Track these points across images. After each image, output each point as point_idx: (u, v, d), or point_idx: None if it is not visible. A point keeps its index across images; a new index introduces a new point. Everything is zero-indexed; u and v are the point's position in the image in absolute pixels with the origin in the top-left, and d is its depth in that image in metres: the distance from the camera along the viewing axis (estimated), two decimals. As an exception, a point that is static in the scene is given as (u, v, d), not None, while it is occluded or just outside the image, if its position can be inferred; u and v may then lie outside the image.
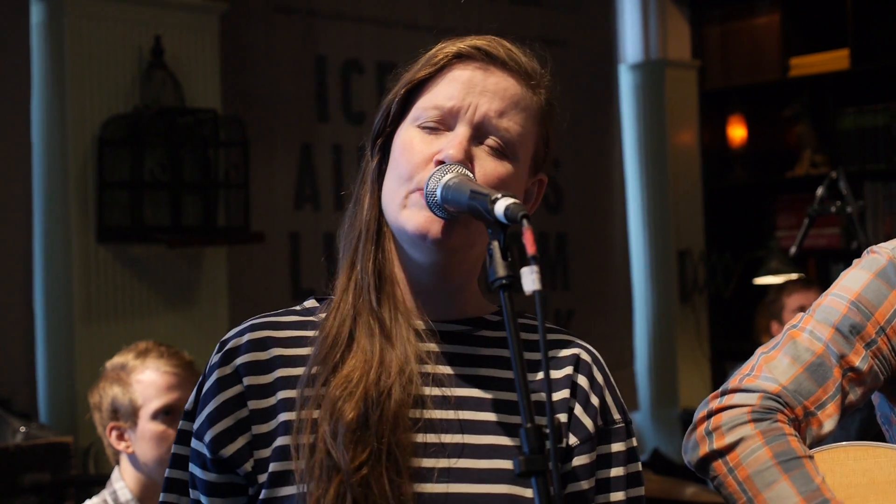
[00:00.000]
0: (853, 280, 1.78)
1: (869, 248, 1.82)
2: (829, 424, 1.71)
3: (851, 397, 1.74)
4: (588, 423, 1.55)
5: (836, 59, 5.81)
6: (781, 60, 6.02)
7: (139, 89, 4.30)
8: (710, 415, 1.71)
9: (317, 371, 1.49)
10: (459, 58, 1.55)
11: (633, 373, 6.00)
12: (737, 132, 6.28)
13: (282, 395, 1.50)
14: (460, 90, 1.52)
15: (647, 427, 6.13)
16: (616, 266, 5.95)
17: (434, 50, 1.57)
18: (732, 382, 1.73)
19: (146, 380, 2.71)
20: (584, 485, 1.52)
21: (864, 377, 1.73)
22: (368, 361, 1.48)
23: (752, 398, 1.70)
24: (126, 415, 2.70)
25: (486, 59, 1.55)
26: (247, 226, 4.41)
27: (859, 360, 1.72)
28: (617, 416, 1.58)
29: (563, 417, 1.54)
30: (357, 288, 1.53)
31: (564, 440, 1.54)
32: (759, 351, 1.77)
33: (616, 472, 1.56)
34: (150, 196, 4.28)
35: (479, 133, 1.52)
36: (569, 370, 1.56)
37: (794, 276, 5.02)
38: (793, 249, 4.31)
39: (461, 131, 1.51)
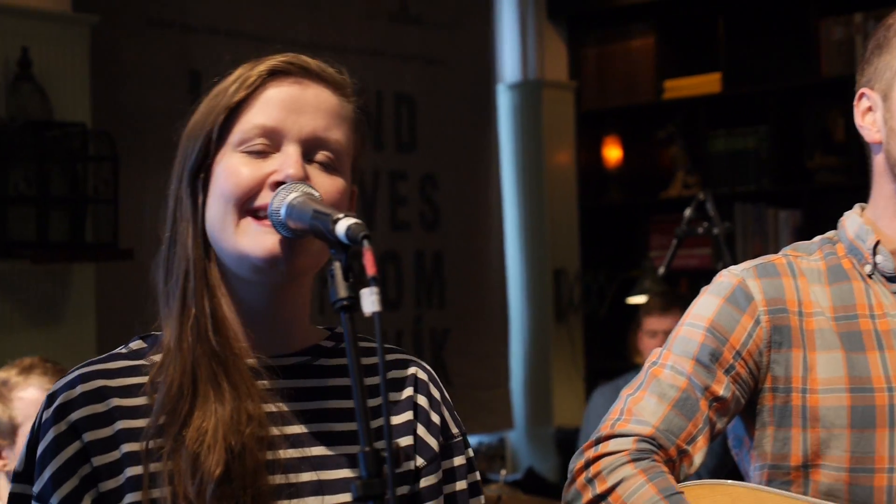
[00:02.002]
0: (705, 307, 1.79)
1: (719, 272, 1.84)
2: (699, 458, 1.73)
3: (719, 426, 1.75)
4: (432, 442, 1.55)
5: (708, 83, 5.92)
6: (656, 83, 6.11)
7: (5, 101, 4.20)
8: (587, 463, 1.71)
9: (164, 422, 1.44)
10: (273, 75, 1.51)
11: (509, 391, 6.02)
12: (612, 153, 6.35)
13: (126, 448, 1.44)
14: (281, 109, 1.49)
15: (521, 446, 6.15)
16: (492, 285, 5.97)
17: (242, 71, 1.52)
18: (604, 429, 1.73)
19: (28, 397, 2.64)
20: None
21: (729, 404, 1.75)
22: (220, 411, 1.43)
23: (627, 443, 1.70)
24: (4, 432, 2.62)
25: (301, 72, 1.51)
26: (115, 242, 4.33)
27: (722, 388, 1.73)
28: (455, 431, 1.59)
29: (409, 440, 1.54)
30: (194, 332, 1.47)
31: (412, 462, 1.54)
32: (624, 393, 1.77)
33: (461, 485, 1.58)
34: (15, 211, 4.17)
35: (308, 150, 1.49)
36: (409, 391, 1.57)
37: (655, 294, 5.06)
38: (661, 270, 4.37)
39: (292, 150, 1.48)
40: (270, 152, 1.49)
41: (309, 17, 5.30)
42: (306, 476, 1.47)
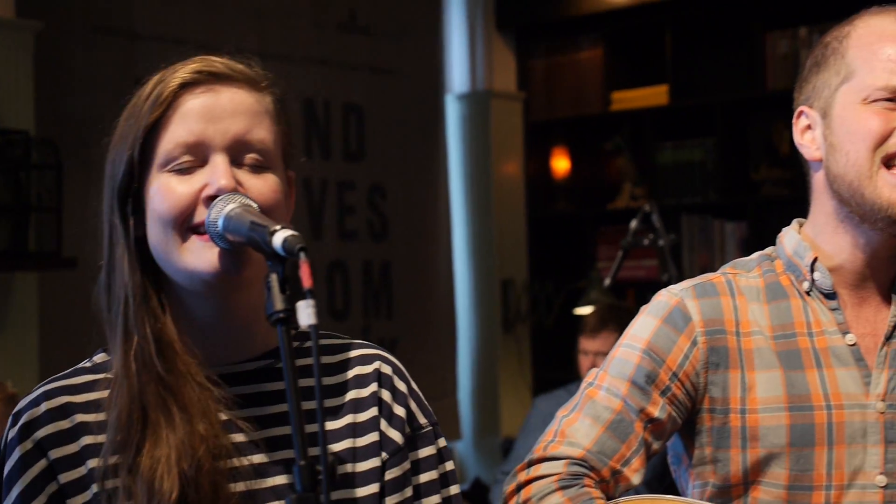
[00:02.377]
0: (642, 327, 1.79)
1: (658, 292, 1.84)
2: (635, 479, 1.74)
3: (655, 447, 1.76)
4: (395, 435, 1.55)
5: (655, 95, 5.95)
6: (604, 94, 6.14)
7: (-54, 108, 4.16)
8: (518, 488, 1.71)
9: (118, 447, 1.44)
10: (184, 87, 1.50)
11: (457, 402, 6.02)
12: (560, 164, 6.37)
13: (92, 463, 1.44)
14: (199, 121, 1.48)
15: (469, 456, 6.15)
16: (440, 295, 5.97)
17: (153, 87, 1.51)
18: (537, 451, 1.74)
19: None
20: (398, 497, 1.54)
21: (664, 426, 1.75)
22: (171, 437, 1.43)
23: (558, 466, 1.71)
24: None
25: (210, 78, 1.51)
26: (59, 251, 4.28)
27: (658, 410, 1.74)
28: (423, 421, 1.59)
29: (374, 437, 1.54)
30: (139, 359, 1.47)
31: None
32: (559, 414, 1.78)
33: (428, 476, 1.58)
34: (-44, 219, 4.13)
35: (235, 154, 1.49)
36: (374, 387, 1.57)
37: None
38: (607, 281, 4.39)
39: (220, 160, 1.47)
40: (198, 166, 1.48)
41: (257, 26, 5.27)
42: (270, 481, 1.48)
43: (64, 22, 4.64)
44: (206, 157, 1.48)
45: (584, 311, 5.34)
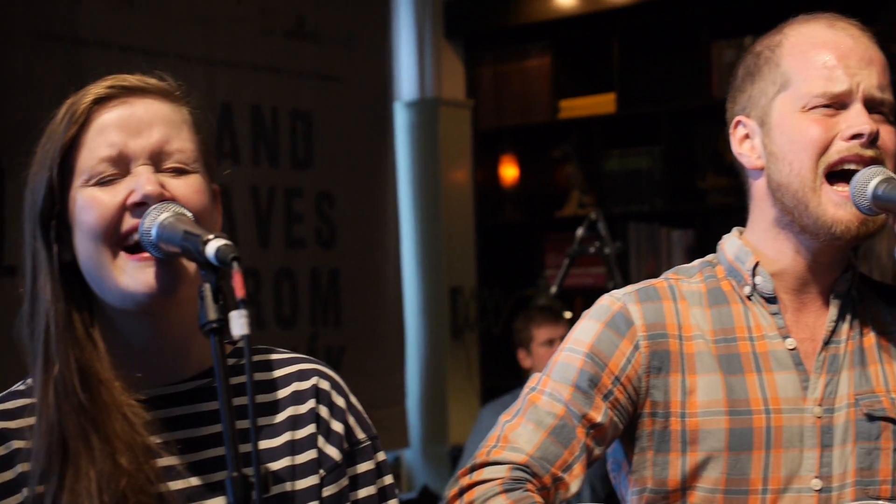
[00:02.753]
0: (585, 331, 1.79)
1: (601, 296, 1.84)
2: (575, 485, 1.73)
3: (597, 453, 1.75)
4: (333, 451, 1.55)
5: (602, 103, 5.98)
6: (551, 102, 6.15)
7: None
8: (461, 492, 1.70)
9: (41, 475, 1.42)
10: (98, 102, 1.50)
11: (405, 409, 6.00)
12: (509, 172, 6.39)
13: (27, 492, 1.43)
14: (118, 133, 1.48)
15: (417, 464, 6.13)
16: (388, 302, 5.95)
17: (67, 107, 1.51)
18: (480, 456, 1.73)
19: None
20: None
21: (606, 431, 1.75)
22: (91, 470, 1.41)
23: (500, 471, 1.70)
24: None
25: (124, 92, 1.51)
26: (1, 259, 4.23)
27: (600, 415, 1.73)
28: (362, 436, 1.59)
29: (313, 454, 1.53)
30: (60, 389, 1.44)
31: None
32: (502, 419, 1.77)
33: (366, 491, 1.57)
34: None
35: (156, 163, 1.48)
36: (311, 403, 1.56)
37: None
38: (553, 289, 4.39)
39: (142, 169, 1.47)
40: (121, 177, 1.47)
41: (203, 32, 5.24)
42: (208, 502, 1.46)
43: (5, 27, 4.58)
44: (129, 167, 1.48)
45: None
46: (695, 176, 5.81)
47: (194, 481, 1.46)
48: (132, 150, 1.47)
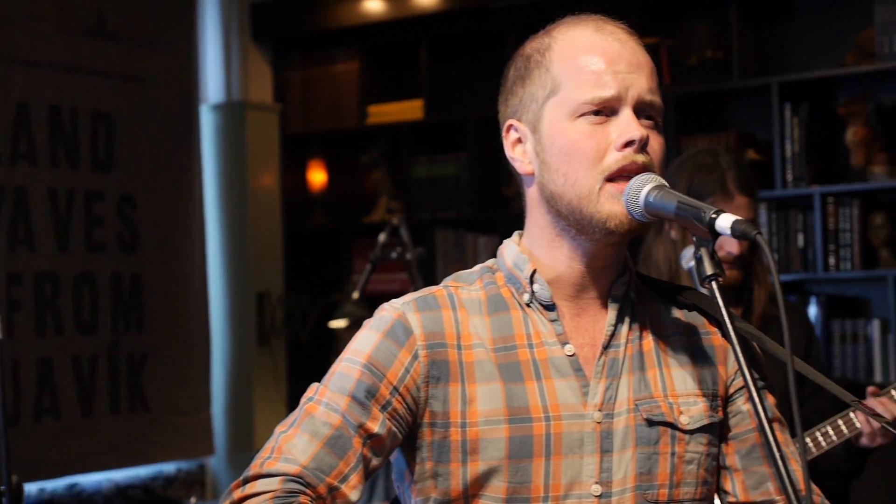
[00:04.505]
0: (364, 342, 1.77)
1: (381, 306, 1.82)
2: (353, 495, 1.71)
3: (374, 463, 1.73)
4: None
5: (410, 109, 6.00)
6: (360, 108, 6.15)
7: None
8: None
9: None
10: None
11: (210, 416, 5.92)
12: (317, 177, 6.36)
13: None
14: None
15: (222, 471, 6.05)
16: (194, 308, 5.86)
17: None
18: (253, 468, 1.69)
19: None
20: None
21: (384, 441, 1.73)
22: None
23: (273, 483, 1.67)
24: None
25: None
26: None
27: (377, 425, 1.71)
28: None
29: None
30: None
31: None
32: (277, 430, 1.74)
33: None
34: None
35: None
36: None
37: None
38: (355, 294, 4.39)
39: None
40: None
41: (1, 30, 5.08)
42: None
43: None
44: None
45: (339, 324, 5.34)
46: (500, 183, 5.88)
47: None
48: None
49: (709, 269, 1.62)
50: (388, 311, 1.79)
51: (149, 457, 5.63)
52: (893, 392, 2.93)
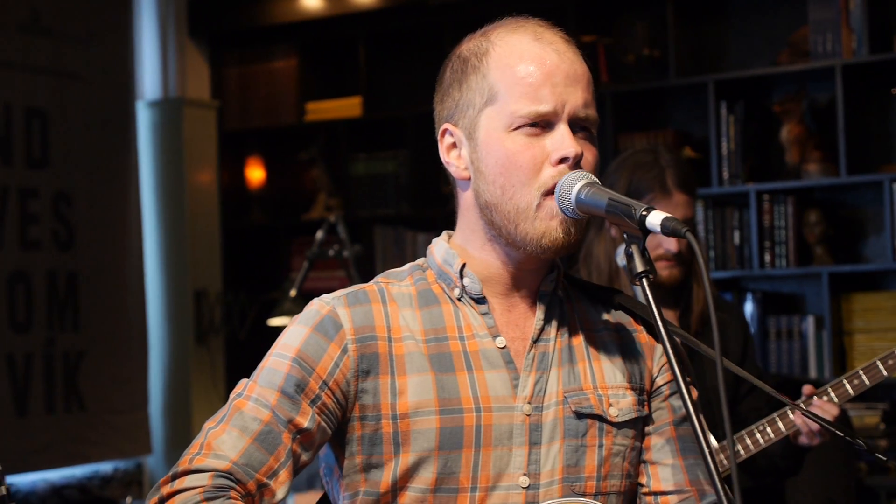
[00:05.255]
0: (293, 336, 1.77)
1: (311, 301, 1.82)
2: (281, 492, 1.70)
3: (304, 458, 1.73)
4: None
5: (349, 106, 5.99)
6: (298, 105, 6.13)
7: None
8: (161, 501, 1.66)
9: None
10: None
11: (147, 415, 5.86)
12: (255, 174, 6.33)
13: None
14: None
15: (159, 470, 6.01)
16: (130, 306, 5.81)
17: None
18: (182, 464, 1.68)
19: None
20: None
21: (314, 436, 1.72)
22: None
23: (202, 479, 1.66)
24: None
25: None
26: None
27: (307, 420, 1.71)
28: None
29: None
30: None
31: None
32: (206, 426, 1.73)
33: None
34: None
35: None
36: None
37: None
38: (293, 292, 4.37)
39: None
40: None
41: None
42: None
43: None
44: None
45: (278, 321, 5.32)
46: (439, 180, 5.88)
47: None
48: None
49: (639, 267, 1.63)
50: (317, 306, 1.79)
51: (85, 456, 5.57)
52: (831, 391, 2.96)
